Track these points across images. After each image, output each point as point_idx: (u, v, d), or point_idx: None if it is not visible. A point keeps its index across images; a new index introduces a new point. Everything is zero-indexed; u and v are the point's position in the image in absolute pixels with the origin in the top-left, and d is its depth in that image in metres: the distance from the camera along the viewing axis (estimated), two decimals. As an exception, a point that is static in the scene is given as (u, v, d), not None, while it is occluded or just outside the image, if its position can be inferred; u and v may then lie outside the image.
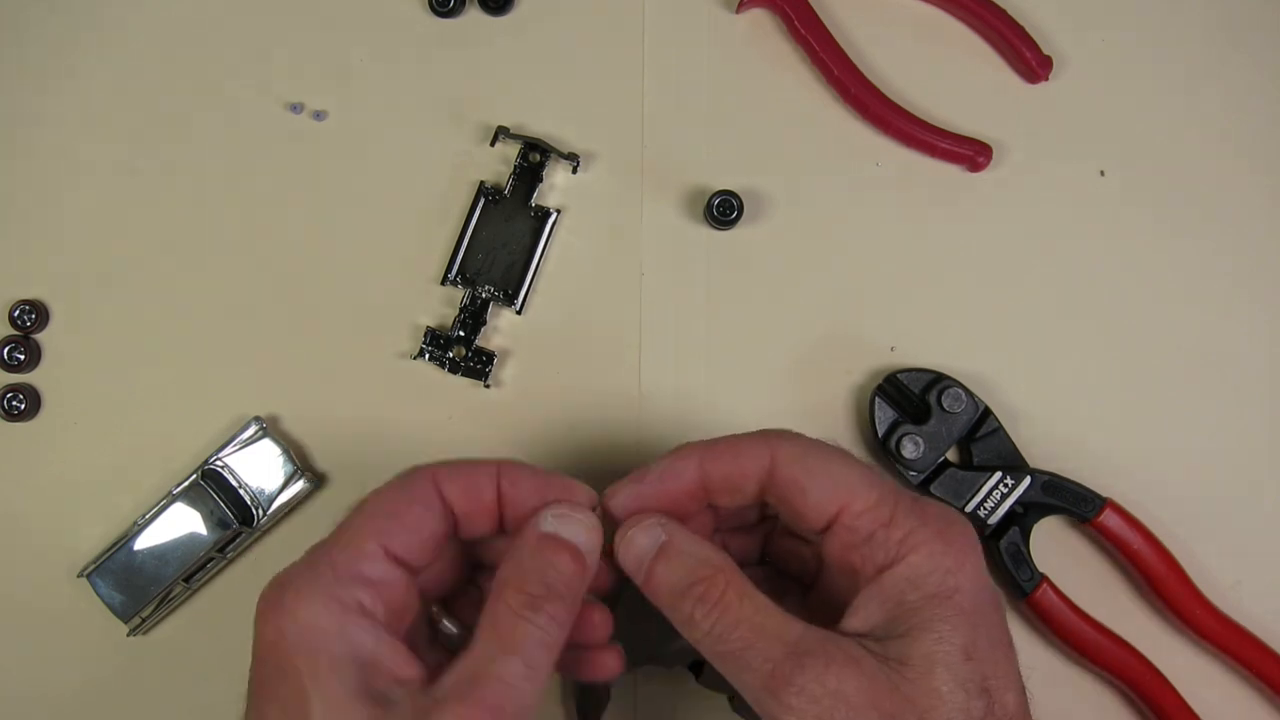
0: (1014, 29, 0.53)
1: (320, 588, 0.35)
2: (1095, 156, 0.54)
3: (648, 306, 0.53)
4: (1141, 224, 0.54)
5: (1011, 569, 0.49)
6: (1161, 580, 0.50)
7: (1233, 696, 0.51)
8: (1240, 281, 0.54)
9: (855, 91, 0.52)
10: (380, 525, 0.37)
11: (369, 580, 0.36)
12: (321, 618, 0.34)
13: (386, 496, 0.38)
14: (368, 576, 0.36)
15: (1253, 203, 0.54)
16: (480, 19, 0.54)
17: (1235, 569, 0.51)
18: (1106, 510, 0.50)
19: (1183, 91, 0.55)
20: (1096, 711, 0.51)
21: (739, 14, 0.54)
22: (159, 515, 0.49)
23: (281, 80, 0.53)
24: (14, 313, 0.51)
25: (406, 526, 0.37)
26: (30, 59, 0.53)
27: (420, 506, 0.38)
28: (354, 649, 0.34)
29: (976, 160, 0.53)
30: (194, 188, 0.53)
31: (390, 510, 0.37)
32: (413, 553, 0.37)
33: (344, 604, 0.35)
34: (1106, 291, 0.53)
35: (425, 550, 0.38)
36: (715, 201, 0.51)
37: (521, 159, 0.52)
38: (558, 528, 0.38)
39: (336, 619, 0.34)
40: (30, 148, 0.53)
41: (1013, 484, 0.50)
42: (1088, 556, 0.52)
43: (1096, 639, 0.49)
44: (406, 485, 0.38)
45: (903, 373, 0.50)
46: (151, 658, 0.51)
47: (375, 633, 0.35)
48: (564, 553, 0.37)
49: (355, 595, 0.35)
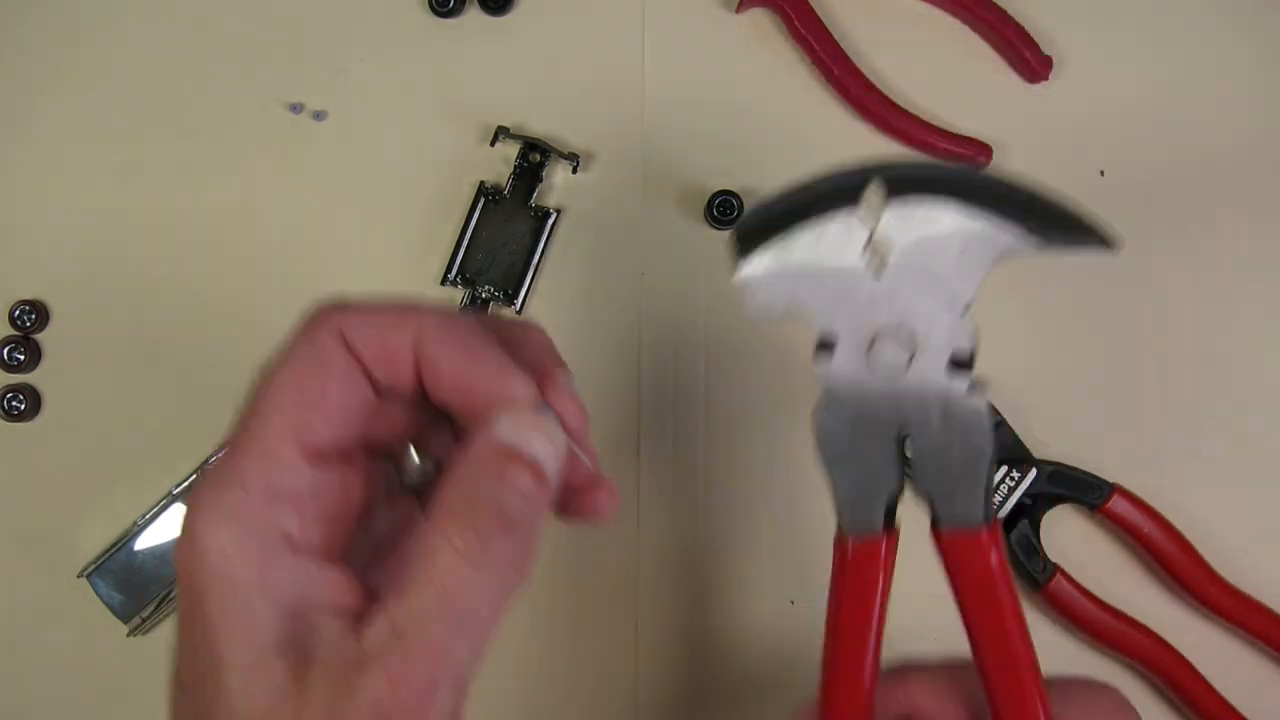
0: (1014, 29, 0.53)
1: (230, 516, 0.29)
2: (1095, 156, 0.54)
3: (648, 306, 0.53)
4: (1141, 224, 0.54)
5: (1024, 561, 0.50)
6: (1175, 561, 0.50)
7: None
8: (1240, 279, 0.54)
9: (855, 91, 0.52)
10: (290, 417, 0.29)
11: (291, 495, 0.29)
12: (234, 561, 0.28)
13: (291, 372, 0.30)
14: (289, 491, 0.29)
15: (1252, 202, 0.54)
16: (480, 19, 0.54)
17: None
18: (1114, 496, 0.50)
19: (1183, 91, 0.55)
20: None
21: (739, 14, 0.54)
22: (159, 515, 0.49)
23: (281, 80, 0.53)
24: (14, 313, 0.51)
25: (325, 411, 0.30)
26: (30, 59, 0.53)
27: (336, 379, 0.30)
28: (275, 595, 0.28)
29: (976, 160, 0.53)
30: (194, 187, 0.53)
31: (299, 393, 0.30)
32: (342, 437, 0.30)
33: (260, 538, 0.29)
34: (1105, 289, 0.53)
35: (355, 425, 0.31)
36: (715, 201, 0.51)
37: (521, 159, 0.52)
38: (516, 438, 0.30)
39: (253, 560, 0.28)
40: (30, 148, 0.53)
41: (1019, 476, 0.50)
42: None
43: (1114, 625, 0.49)
44: (315, 354, 0.30)
45: (902, 373, 0.50)
46: (151, 658, 0.50)
47: (301, 567, 0.29)
48: (523, 470, 0.30)
49: (275, 523, 0.29)
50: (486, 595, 0.29)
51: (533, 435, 0.30)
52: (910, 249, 0.33)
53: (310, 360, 0.30)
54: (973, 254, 0.33)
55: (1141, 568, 0.52)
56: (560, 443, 0.31)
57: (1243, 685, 0.50)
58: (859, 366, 0.34)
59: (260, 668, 0.28)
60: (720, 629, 0.51)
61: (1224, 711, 0.49)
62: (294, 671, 0.28)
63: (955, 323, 0.34)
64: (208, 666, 0.28)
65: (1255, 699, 0.50)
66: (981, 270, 0.33)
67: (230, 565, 0.28)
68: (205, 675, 0.29)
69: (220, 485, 0.29)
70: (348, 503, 0.31)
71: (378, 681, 0.27)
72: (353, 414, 0.31)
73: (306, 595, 0.29)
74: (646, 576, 0.51)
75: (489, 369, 0.31)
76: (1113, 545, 0.52)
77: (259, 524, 0.29)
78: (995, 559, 0.34)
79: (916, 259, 0.33)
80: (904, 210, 0.33)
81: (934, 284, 0.33)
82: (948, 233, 0.33)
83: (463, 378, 0.31)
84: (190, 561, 0.29)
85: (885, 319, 0.34)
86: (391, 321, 0.31)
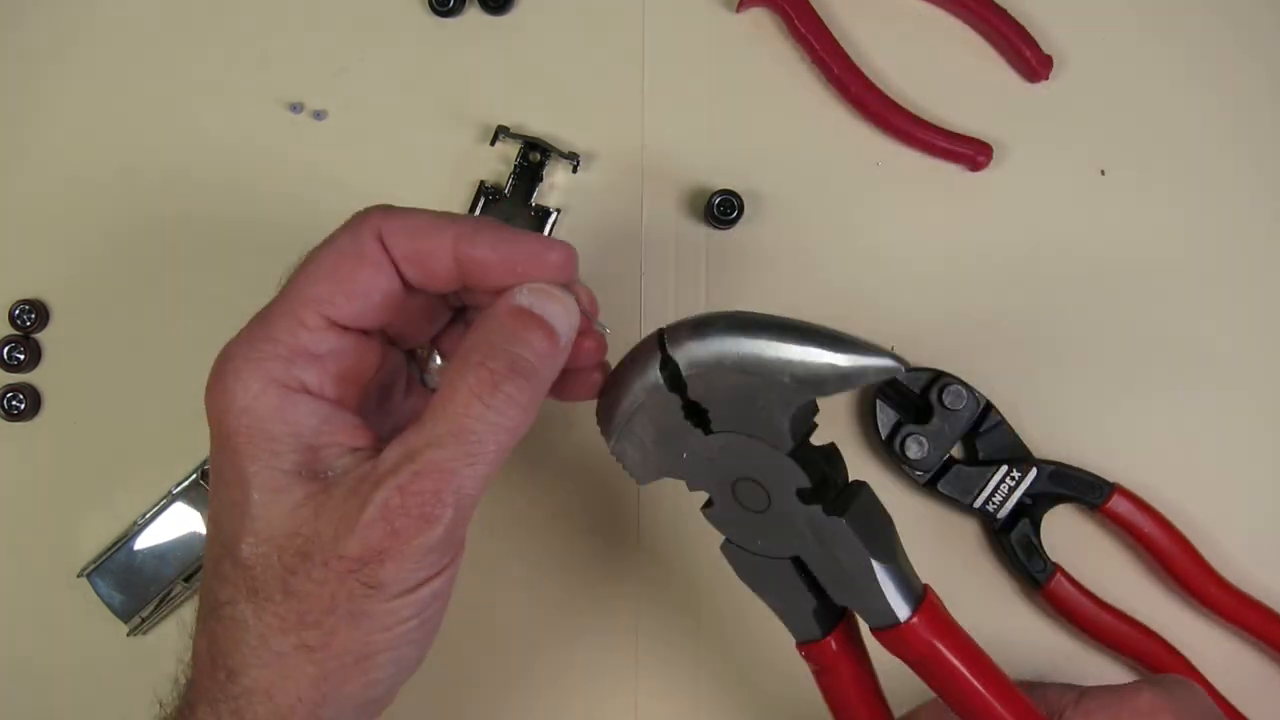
0: (1014, 28, 0.53)
1: (258, 366, 0.33)
2: (1095, 156, 0.54)
3: (648, 306, 0.53)
4: (1141, 223, 0.54)
5: (1024, 561, 0.50)
6: (1175, 561, 0.50)
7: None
8: (1240, 277, 0.54)
9: (855, 91, 0.52)
10: (321, 291, 0.34)
11: (312, 354, 0.34)
12: (260, 399, 0.33)
13: (328, 256, 0.35)
14: (310, 350, 0.34)
15: (1252, 201, 0.54)
16: (480, 19, 0.54)
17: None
18: (1115, 495, 0.50)
19: (1183, 91, 0.55)
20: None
21: (739, 14, 0.54)
22: (159, 515, 0.49)
23: (281, 80, 0.53)
24: (14, 313, 0.51)
25: (351, 292, 0.34)
26: (30, 59, 0.53)
27: (368, 268, 0.34)
28: (294, 428, 0.33)
29: (976, 160, 0.53)
30: (194, 187, 0.53)
31: (332, 273, 0.34)
32: (364, 317, 0.35)
33: (284, 383, 0.33)
34: (1106, 290, 0.53)
35: (378, 312, 0.35)
36: (715, 201, 0.51)
37: (521, 159, 0.52)
38: (533, 302, 0.34)
39: (275, 400, 0.33)
40: (30, 148, 0.53)
41: (1020, 476, 0.50)
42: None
43: (1114, 625, 0.50)
44: (352, 241, 0.35)
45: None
46: (151, 658, 0.51)
47: (318, 409, 0.33)
48: (537, 329, 0.34)
49: (296, 374, 0.33)
50: (492, 430, 0.32)
51: (549, 301, 0.34)
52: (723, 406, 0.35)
53: (346, 249, 0.34)
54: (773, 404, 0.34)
55: (1141, 567, 0.52)
56: (574, 312, 0.35)
57: (1242, 685, 0.51)
58: (736, 510, 0.37)
59: (282, 488, 0.32)
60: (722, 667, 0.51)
61: (1225, 711, 0.49)
62: (311, 490, 0.32)
63: (784, 464, 0.35)
64: (236, 492, 0.33)
65: (1255, 699, 0.50)
66: (786, 417, 0.34)
67: (255, 402, 0.33)
68: (233, 502, 0.33)
69: (250, 339, 0.34)
70: (362, 368, 0.35)
71: (389, 492, 0.31)
72: (377, 300, 0.34)
73: (323, 430, 0.33)
74: (647, 576, 0.51)
75: (526, 246, 0.35)
76: (1113, 545, 0.52)
77: (281, 372, 0.33)
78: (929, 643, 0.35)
79: (731, 414, 0.35)
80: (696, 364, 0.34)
81: (754, 432, 0.35)
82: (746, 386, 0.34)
83: (505, 258, 0.34)
84: (220, 400, 0.33)
85: (734, 471, 0.36)
86: (429, 225, 0.35)
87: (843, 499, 0.36)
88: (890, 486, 0.52)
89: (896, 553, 0.36)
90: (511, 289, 0.34)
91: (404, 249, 0.34)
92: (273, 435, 0.33)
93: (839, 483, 0.37)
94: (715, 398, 0.35)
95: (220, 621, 0.33)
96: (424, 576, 0.32)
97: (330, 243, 0.35)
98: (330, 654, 0.32)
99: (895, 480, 0.52)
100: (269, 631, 0.32)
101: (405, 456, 0.32)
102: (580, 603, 0.51)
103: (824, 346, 0.33)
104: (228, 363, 0.33)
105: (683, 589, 0.51)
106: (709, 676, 0.51)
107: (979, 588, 0.52)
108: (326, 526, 0.32)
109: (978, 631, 0.51)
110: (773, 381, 0.33)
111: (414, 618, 0.33)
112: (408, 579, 0.32)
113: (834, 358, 0.33)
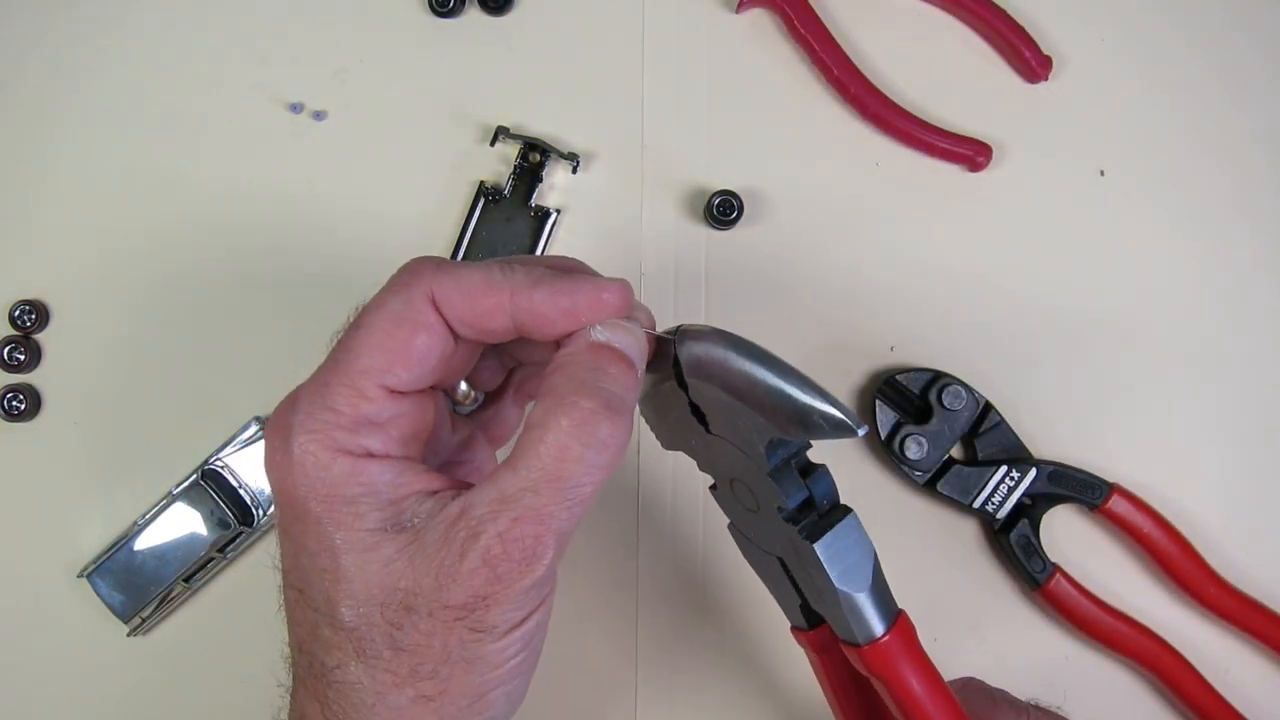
0: (1014, 29, 0.53)
1: (324, 436, 0.33)
2: (1095, 156, 0.54)
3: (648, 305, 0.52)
4: (1141, 223, 0.54)
5: (1023, 561, 0.50)
6: (1173, 561, 0.50)
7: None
8: (1239, 276, 0.54)
9: (855, 91, 0.52)
10: (378, 362, 0.34)
11: (375, 423, 0.34)
12: (330, 469, 0.33)
13: (382, 322, 0.34)
14: (373, 420, 0.34)
15: (1252, 200, 0.54)
16: (480, 19, 0.54)
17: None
18: (1114, 496, 0.50)
19: (1183, 91, 0.55)
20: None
21: (739, 14, 0.54)
22: (159, 515, 0.49)
23: (281, 80, 0.53)
24: (14, 313, 0.51)
25: (409, 361, 0.34)
26: (30, 60, 0.53)
27: (423, 334, 0.34)
28: (370, 488, 0.33)
29: (976, 160, 0.53)
30: (194, 187, 0.53)
31: (387, 343, 0.34)
32: (421, 381, 0.35)
33: (350, 451, 0.33)
34: (1105, 289, 0.53)
35: (433, 372, 0.35)
36: (715, 201, 0.51)
37: (521, 159, 0.52)
38: (610, 337, 0.34)
39: (346, 466, 0.33)
40: (30, 148, 0.53)
41: (1019, 476, 0.50)
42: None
43: (1112, 625, 0.50)
44: (405, 306, 0.34)
45: (901, 374, 0.51)
46: (151, 658, 0.51)
47: (389, 466, 0.33)
48: (618, 362, 0.34)
49: (361, 441, 0.33)
50: (590, 472, 0.32)
51: (623, 334, 0.35)
52: (716, 415, 0.35)
53: (401, 315, 0.34)
54: (751, 429, 0.35)
55: (1141, 567, 0.52)
56: (643, 339, 0.36)
57: (1241, 685, 0.51)
58: (733, 501, 0.38)
59: (371, 546, 0.32)
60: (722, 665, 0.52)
61: (1222, 711, 0.49)
62: (401, 544, 0.32)
63: (765, 482, 0.35)
64: (325, 560, 0.33)
65: (1254, 698, 0.50)
66: (762, 444, 0.35)
67: (327, 472, 0.33)
68: (323, 569, 0.33)
69: (311, 411, 0.33)
70: (423, 424, 0.35)
71: (490, 540, 0.31)
72: (432, 364, 0.35)
73: (399, 484, 0.33)
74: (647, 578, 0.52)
75: (585, 295, 0.35)
76: (1112, 545, 0.52)
77: (347, 440, 0.33)
78: (889, 668, 0.36)
79: (723, 422, 0.35)
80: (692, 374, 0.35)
81: (741, 446, 0.35)
82: (731, 404, 0.34)
83: (566, 311, 0.34)
84: (287, 472, 0.33)
85: (729, 471, 0.37)
86: (483, 284, 0.34)
87: (822, 524, 0.36)
88: (890, 487, 0.52)
89: (870, 581, 0.36)
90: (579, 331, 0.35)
91: (459, 311, 0.34)
92: (351, 499, 0.33)
93: (825, 505, 0.37)
94: (709, 407, 0.36)
95: (332, 686, 0.33)
96: (528, 611, 0.33)
97: (382, 306, 0.35)
98: (448, 700, 0.32)
99: (895, 480, 0.52)
100: (384, 689, 0.32)
101: (500, 502, 0.32)
102: (581, 603, 0.51)
103: (799, 396, 0.33)
104: (290, 435, 0.33)
105: (683, 588, 0.51)
106: (709, 677, 0.51)
107: (978, 588, 0.52)
108: (425, 577, 0.32)
109: (977, 631, 0.51)
110: (751, 410, 0.34)
111: (521, 651, 0.33)
112: (513, 617, 0.32)
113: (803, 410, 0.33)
